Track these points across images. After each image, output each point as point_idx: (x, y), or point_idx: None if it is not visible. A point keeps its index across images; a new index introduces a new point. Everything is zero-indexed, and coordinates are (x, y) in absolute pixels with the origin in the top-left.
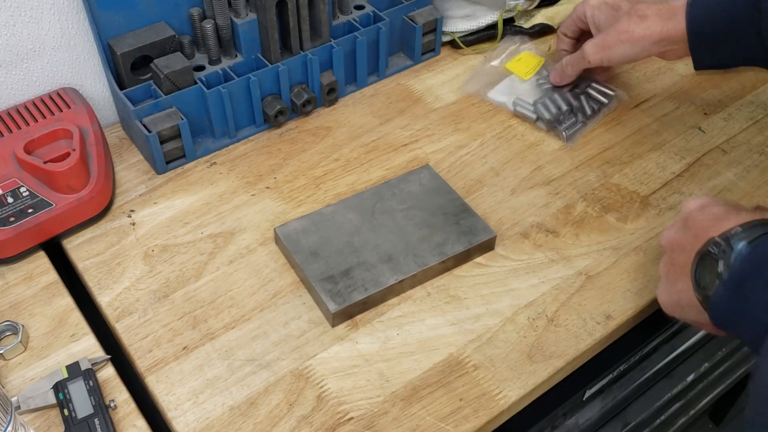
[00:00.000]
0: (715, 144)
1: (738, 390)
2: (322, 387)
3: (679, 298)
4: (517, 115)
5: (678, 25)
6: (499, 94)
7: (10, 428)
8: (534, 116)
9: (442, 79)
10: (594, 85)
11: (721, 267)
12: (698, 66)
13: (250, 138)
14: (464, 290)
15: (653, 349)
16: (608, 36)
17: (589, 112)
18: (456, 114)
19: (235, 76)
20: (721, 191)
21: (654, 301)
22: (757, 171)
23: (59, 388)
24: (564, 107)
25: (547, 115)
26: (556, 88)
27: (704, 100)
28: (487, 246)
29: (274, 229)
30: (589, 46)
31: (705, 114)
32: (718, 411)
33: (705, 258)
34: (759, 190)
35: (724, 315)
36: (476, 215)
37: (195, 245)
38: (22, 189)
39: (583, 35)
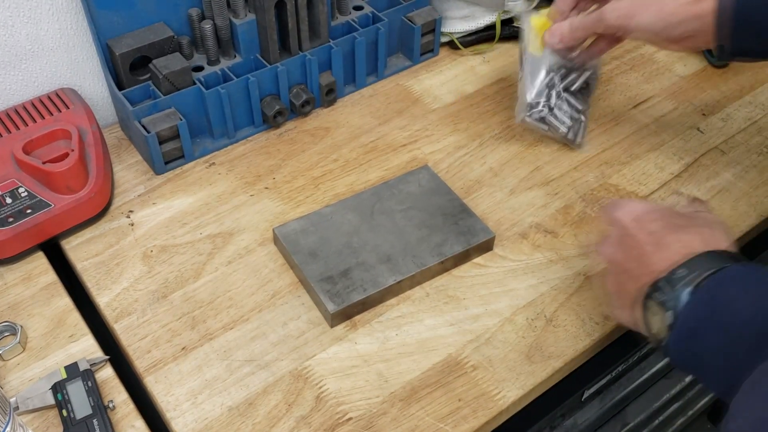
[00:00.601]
0: (713, 144)
1: None
2: (321, 387)
3: (636, 324)
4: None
5: (709, 5)
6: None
7: (8, 429)
8: (546, 127)
9: (440, 80)
10: (575, 70)
11: (669, 318)
12: (736, 52)
13: (249, 138)
14: (463, 291)
15: (652, 349)
16: (634, 3)
17: (581, 107)
18: (455, 114)
19: (233, 77)
20: (720, 191)
21: None
22: (756, 171)
23: (58, 388)
24: (574, 114)
25: (564, 129)
26: (551, 84)
27: (702, 100)
28: (486, 246)
29: (273, 230)
30: (610, 11)
31: (703, 114)
32: (716, 411)
33: (650, 303)
34: (757, 190)
35: (682, 362)
36: (475, 216)
37: (194, 246)
38: (21, 189)
39: None
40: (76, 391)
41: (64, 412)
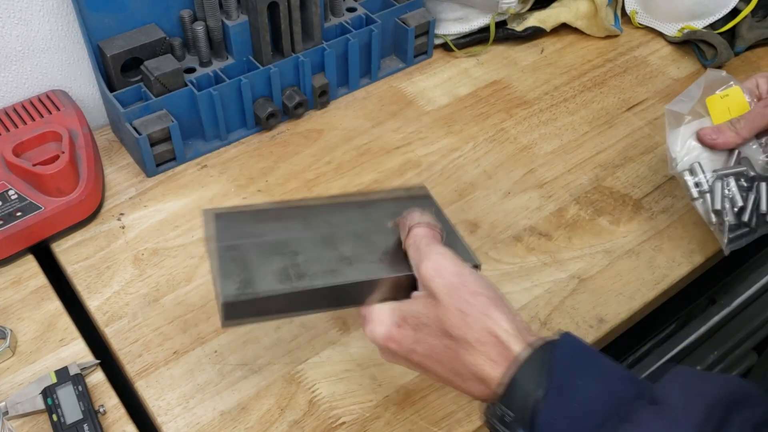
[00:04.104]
0: None
1: None
2: (313, 392)
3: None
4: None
5: None
6: (677, 142)
7: None
8: (697, 194)
9: (434, 82)
10: None
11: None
12: None
13: (242, 141)
14: None
15: (646, 352)
16: None
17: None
18: (448, 117)
19: (226, 79)
20: None
21: (646, 305)
22: None
23: (48, 393)
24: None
25: (730, 217)
26: (742, 163)
27: None
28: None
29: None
30: None
31: None
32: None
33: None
34: None
35: None
36: (461, 243)
37: (185, 249)
38: (11, 192)
39: None
40: (67, 395)
41: (54, 417)
